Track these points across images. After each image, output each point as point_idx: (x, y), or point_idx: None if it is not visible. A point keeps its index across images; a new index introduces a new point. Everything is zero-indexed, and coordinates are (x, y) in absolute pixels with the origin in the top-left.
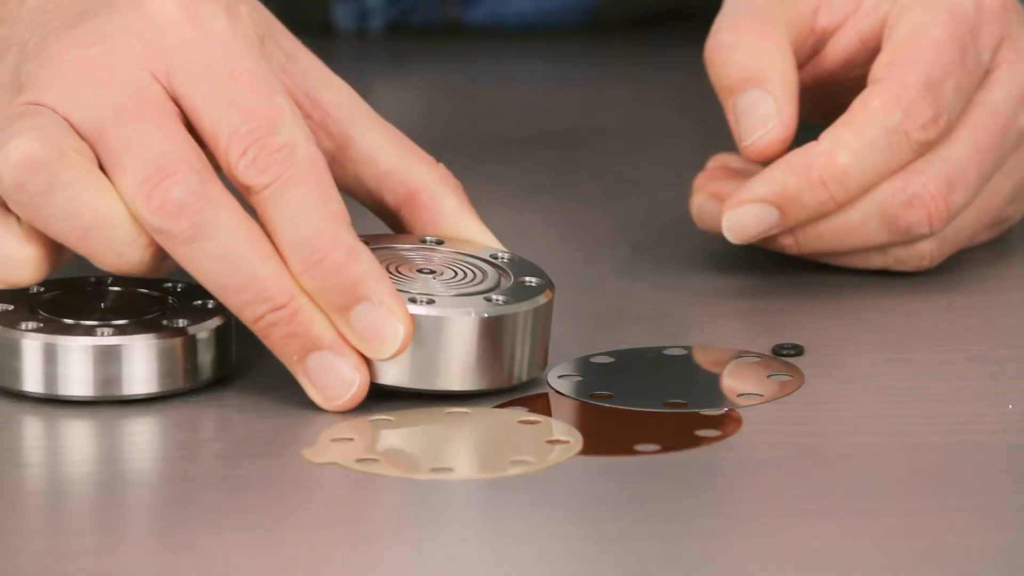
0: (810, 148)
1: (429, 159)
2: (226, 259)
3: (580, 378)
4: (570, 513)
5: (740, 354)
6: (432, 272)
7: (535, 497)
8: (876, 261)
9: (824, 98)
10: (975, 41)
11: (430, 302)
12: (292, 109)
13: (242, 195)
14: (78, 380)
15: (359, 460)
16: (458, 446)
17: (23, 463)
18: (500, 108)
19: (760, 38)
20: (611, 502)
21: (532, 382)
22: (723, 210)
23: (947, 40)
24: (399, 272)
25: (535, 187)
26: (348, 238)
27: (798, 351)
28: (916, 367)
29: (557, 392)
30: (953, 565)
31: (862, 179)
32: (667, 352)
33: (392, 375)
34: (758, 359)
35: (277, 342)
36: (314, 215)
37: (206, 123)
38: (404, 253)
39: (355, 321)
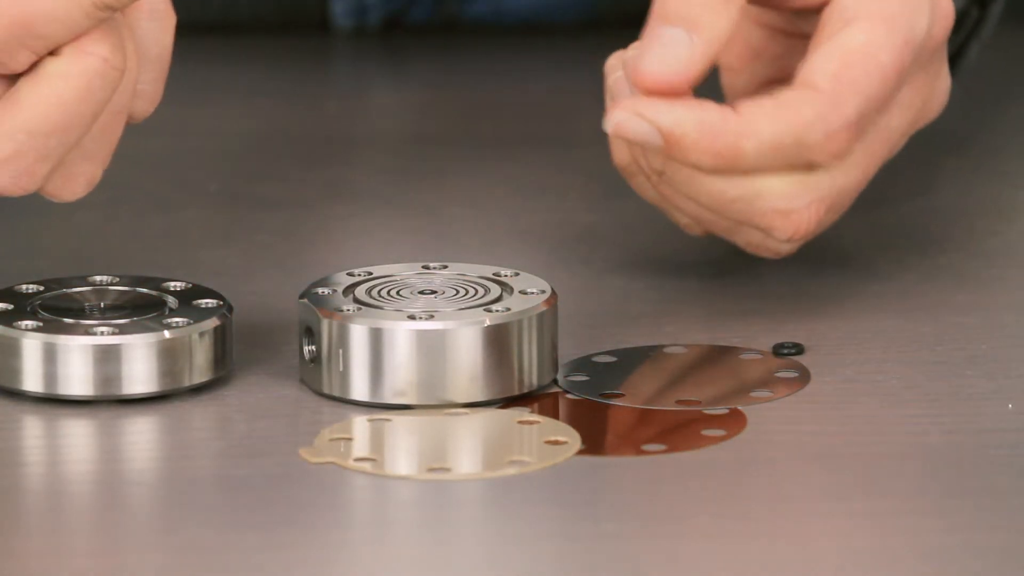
0: (726, 117)
1: None
2: None
3: (587, 377)
4: (570, 513)
5: (741, 352)
6: (433, 292)
7: (535, 497)
8: (725, 232)
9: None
10: (910, 70)
11: (431, 317)
12: None
13: None
14: (78, 379)
15: (357, 460)
16: (456, 446)
17: (23, 462)
18: (500, 107)
19: None
20: (611, 502)
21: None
22: (615, 107)
23: (893, 72)
24: (400, 296)
25: (535, 187)
26: None
27: (799, 350)
28: (916, 367)
29: (566, 392)
30: (953, 565)
31: (752, 167)
32: (668, 350)
33: (399, 393)
34: (759, 356)
35: None
36: None
37: None
38: (406, 279)
39: None
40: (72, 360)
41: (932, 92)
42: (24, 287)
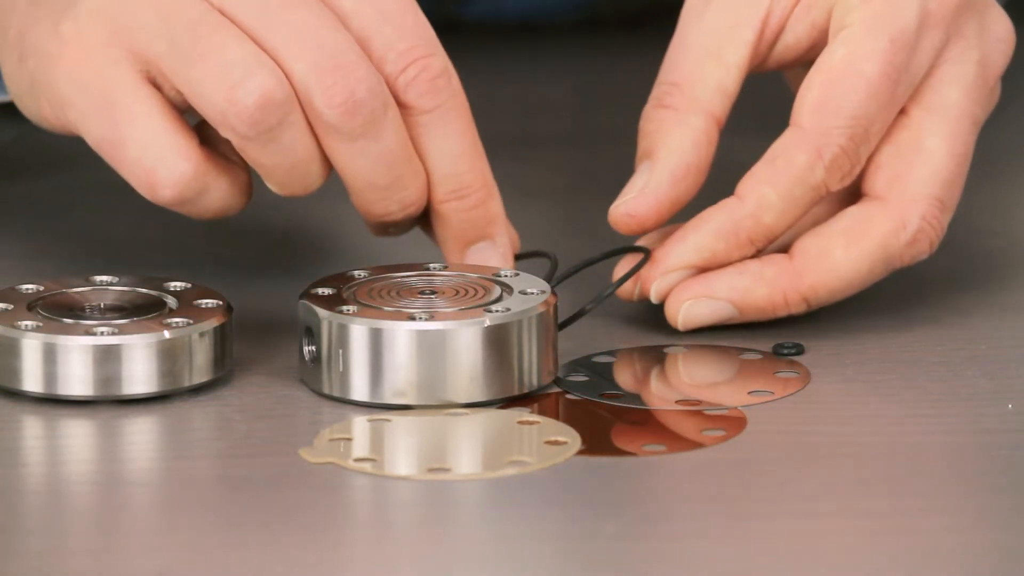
0: (734, 211)
1: None
2: (383, 159)
3: (587, 377)
4: (570, 513)
5: (741, 352)
6: (434, 293)
7: (535, 497)
8: None
9: (793, 73)
10: (909, 64)
11: (431, 317)
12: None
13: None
14: (78, 379)
15: (357, 460)
16: (456, 446)
17: (23, 463)
18: (499, 107)
19: (674, 114)
20: (611, 502)
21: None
22: (651, 277)
23: (880, 79)
24: (400, 296)
25: (534, 186)
26: (490, 176)
27: (799, 350)
28: (916, 367)
29: (566, 392)
30: (953, 565)
31: (785, 229)
32: (667, 351)
33: (399, 393)
34: (759, 356)
35: (393, 231)
36: (469, 151)
37: (355, 27)
38: (406, 280)
39: (473, 254)
40: (72, 360)
41: (986, 39)
42: (24, 287)
